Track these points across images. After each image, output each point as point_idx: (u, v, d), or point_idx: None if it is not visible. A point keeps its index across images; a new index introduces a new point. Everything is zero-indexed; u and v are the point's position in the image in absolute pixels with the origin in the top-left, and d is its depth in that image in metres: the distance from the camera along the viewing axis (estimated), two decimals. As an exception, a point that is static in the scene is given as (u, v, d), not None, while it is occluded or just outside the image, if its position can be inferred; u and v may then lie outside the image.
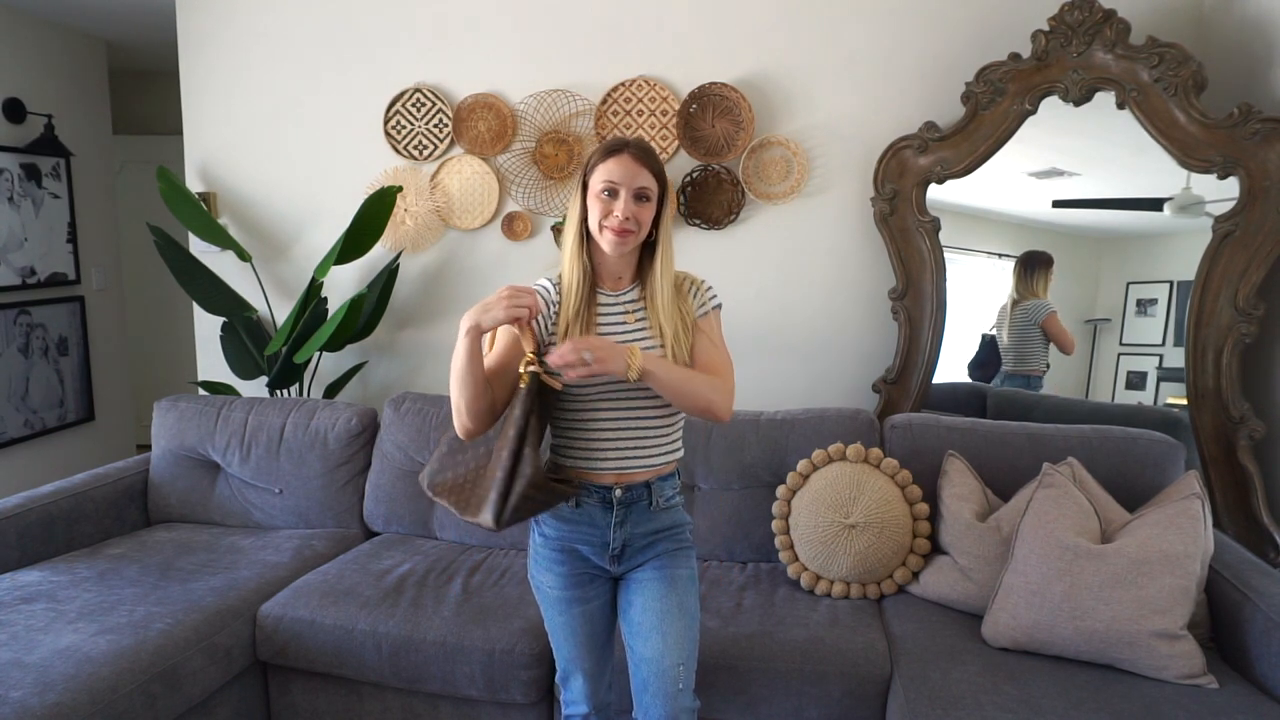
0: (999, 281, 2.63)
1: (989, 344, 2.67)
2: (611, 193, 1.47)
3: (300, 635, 2.05)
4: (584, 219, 1.52)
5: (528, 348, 1.43)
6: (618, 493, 1.53)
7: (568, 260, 1.54)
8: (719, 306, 1.61)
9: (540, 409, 1.45)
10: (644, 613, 1.53)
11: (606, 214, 1.47)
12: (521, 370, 1.42)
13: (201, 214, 2.96)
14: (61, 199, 3.79)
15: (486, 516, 1.39)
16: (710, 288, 1.61)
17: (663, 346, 1.51)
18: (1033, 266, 2.57)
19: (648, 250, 1.56)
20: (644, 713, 1.52)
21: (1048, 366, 2.59)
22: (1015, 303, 2.60)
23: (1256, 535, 2.26)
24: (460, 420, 1.44)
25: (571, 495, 1.49)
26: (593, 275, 1.55)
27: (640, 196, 1.48)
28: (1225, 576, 1.86)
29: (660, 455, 1.56)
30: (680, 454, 1.61)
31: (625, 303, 1.56)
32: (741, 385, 2.88)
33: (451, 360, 1.41)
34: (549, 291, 1.54)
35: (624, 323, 1.54)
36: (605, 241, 1.49)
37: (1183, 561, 1.75)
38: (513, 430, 1.39)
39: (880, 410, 2.64)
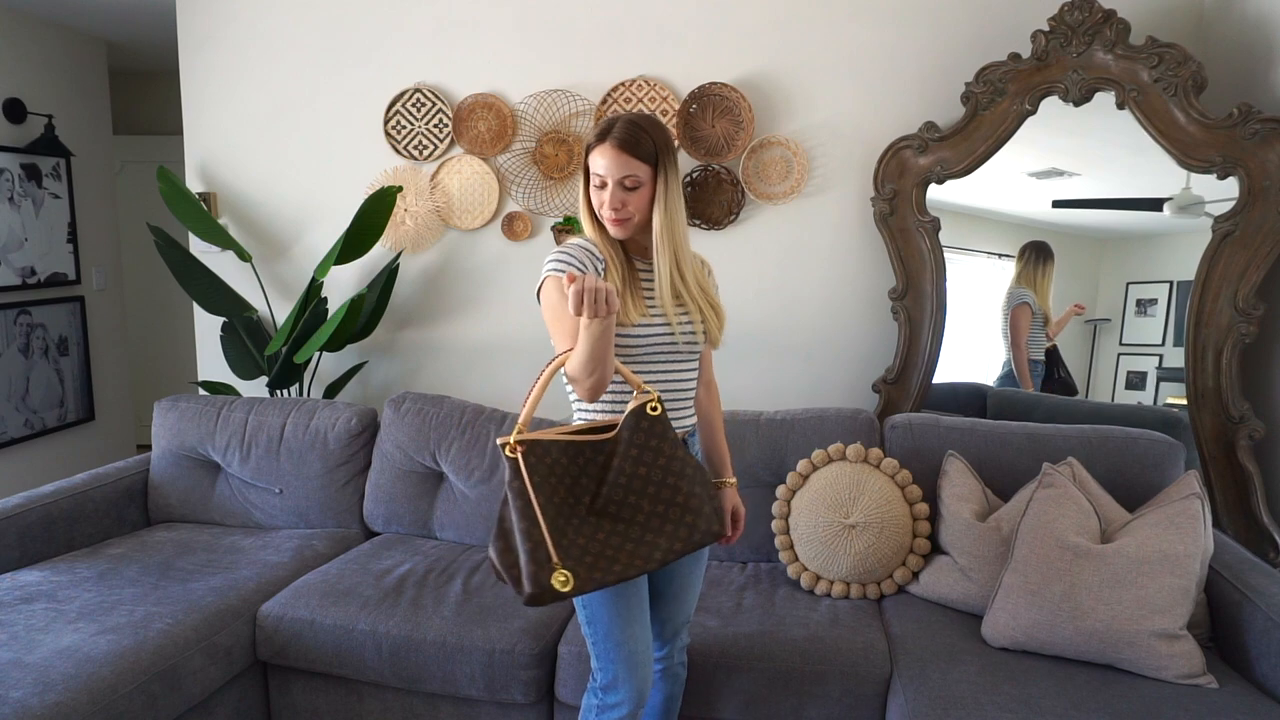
0: (999, 281, 2.63)
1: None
2: (601, 184, 1.49)
3: (300, 635, 2.05)
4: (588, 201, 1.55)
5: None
6: None
7: (590, 237, 1.56)
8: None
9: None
10: (682, 588, 1.69)
11: (600, 204, 1.51)
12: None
13: (201, 214, 2.96)
14: (62, 199, 3.79)
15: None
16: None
17: (689, 319, 1.55)
18: (1039, 257, 2.56)
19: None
20: (656, 634, 1.71)
21: (1044, 355, 2.59)
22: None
23: (1256, 535, 2.26)
24: (599, 392, 1.41)
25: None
26: (623, 246, 1.56)
27: (628, 185, 1.47)
28: (1225, 576, 1.87)
29: (689, 415, 1.62)
30: (695, 417, 1.67)
31: None
32: (741, 385, 2.92)
33: (589, 350, 1.33)
34: (594, 252, 1.53)
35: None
36: (608, 226, 1.52)
37: (1182, 561, 1.75)
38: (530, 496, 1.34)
39: (880, 410, 2.64)
